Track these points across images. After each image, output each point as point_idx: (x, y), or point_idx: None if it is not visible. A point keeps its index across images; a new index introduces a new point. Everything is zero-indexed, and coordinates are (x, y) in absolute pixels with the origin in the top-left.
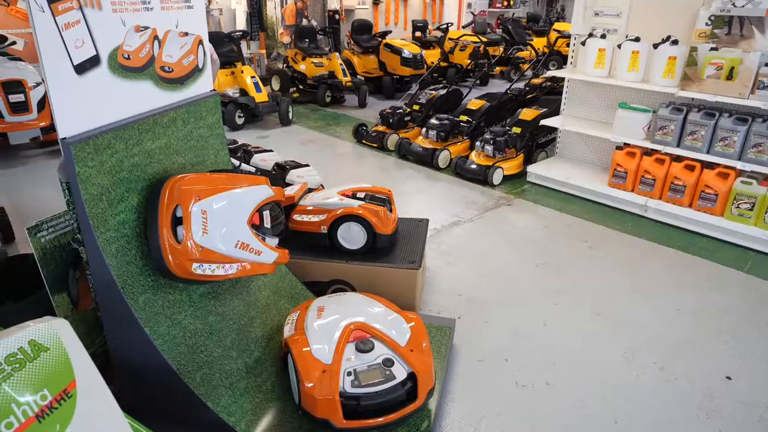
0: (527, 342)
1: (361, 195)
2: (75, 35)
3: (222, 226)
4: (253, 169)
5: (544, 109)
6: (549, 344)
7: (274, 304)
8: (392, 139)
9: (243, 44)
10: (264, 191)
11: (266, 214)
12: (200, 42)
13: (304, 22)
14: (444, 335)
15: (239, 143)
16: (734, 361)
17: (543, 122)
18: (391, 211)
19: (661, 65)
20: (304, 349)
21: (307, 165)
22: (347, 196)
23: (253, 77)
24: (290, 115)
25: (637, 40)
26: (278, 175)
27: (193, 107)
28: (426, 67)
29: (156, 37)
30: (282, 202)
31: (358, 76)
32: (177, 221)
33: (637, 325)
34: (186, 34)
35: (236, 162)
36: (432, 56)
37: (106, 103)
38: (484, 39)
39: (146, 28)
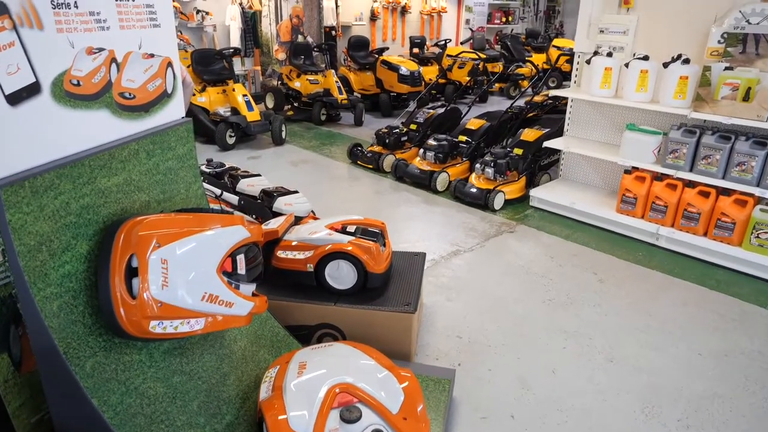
0: (535, 395)
1: (352, 228)
2: (7, 60)
3: (186, 276)
4: (235, 199)
5: (547, 129)
6: (559, 397)
7: (251, 356)
8: (388, 161)
9: (237, 61)
10: (238, 233)
11: (240, 258)
12: (169, 64)
13: (300, 38)
14: (442, 390)
15: (227, 166)
16: (767, 417)
17: (546, 144)
18: (384, 245)
19: (672, 85)
20: (280, 418)
21: (295, 192)
22: (336, 230)
23: (245, 95)
24: (283, 134)
25: (645, 58)
26: (265, 202)
27: (160, 137)
28: (424, 84)
29: (114, 60)
30: (260, 242)
31: (355, 94)
32: (132, 272)
33: (655, 374)
34: (152, 55)
35: (217, 191)
36: (430, 73)
37: (48, 137)
38: (483, 55)
39: (101, 49)
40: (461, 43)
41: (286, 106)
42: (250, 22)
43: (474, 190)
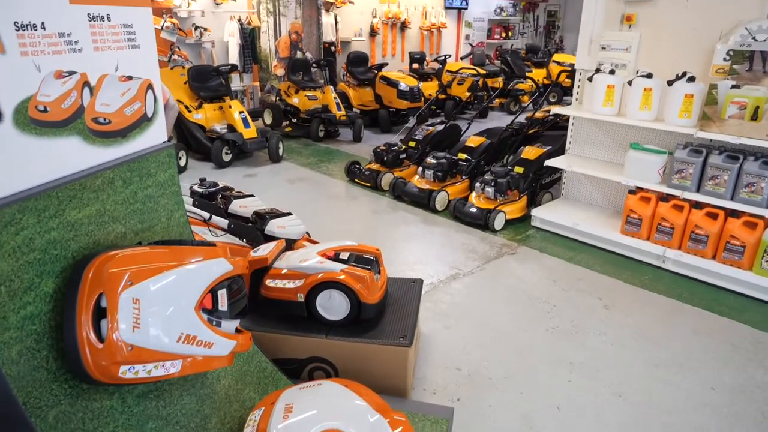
0: None
1: (345, 255)
2: None
3: (160, 316)
4: (224, 223)
5: (548, 147)
6: None
7: (236, 395)
8: (386, 179)
9: (236, 77)
10: (219, 266)
11: (222, 294)
12: (149, 86)
13: (299, 54)
14: (440, 431)
15: (220, 186)
16: None
17: (548, 163)
18: (379, 272)
19: (677, 104)
20: None
21: (289, 213)
22: (328, 257)
23: (241, 112)
24: (280, 151)
25: (649, 76)
26: (257, 225)
27: (139, 164)
28: (423, 100)
29: (86, 84)
30: (245, 274)
31: (354, 109)
32: (101, 312)
33: (668, 411)
34: (129, 78)
35: (205, 215)
36: (429, 88)
37: (8, 168)
38: (483, 71)
39: (72, 73)
40: (461, 59)
41: (284, 123)
42: (249, 38)
43: (474, 209)
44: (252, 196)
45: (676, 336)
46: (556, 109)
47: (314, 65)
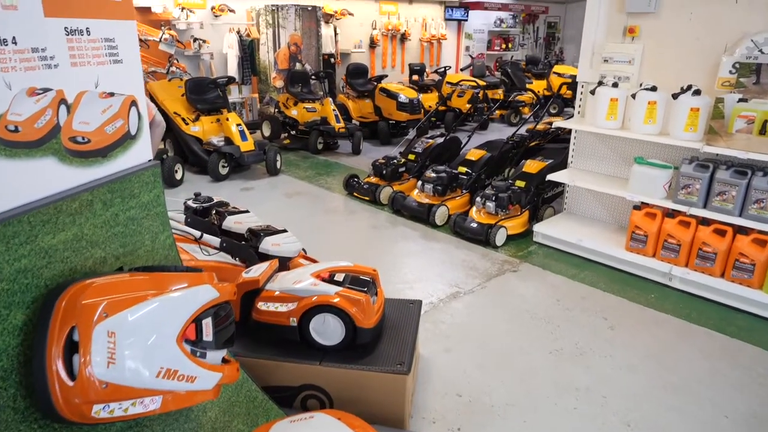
0: None
1: (340, 277)
2: None
3: (138, 350)
4: (216, 241)
5: (550, 161)
6: None
7: (223, 429)
8: (385, 192)
9: (234, 89)
10: (204, 294)
11: (207, 323)
12: (133, 103)
13: (298, 66)
14: None
15: (215, 201)
16: None
17: (550, 177)
18: (376, 294)
19: (682, 117)
20: None
21: (284, 230)
22: (323, 279)
23: (239, 125)
24: (278, 164)
25: (653, 89)
26: (251, 242)
27: (121, 184)
28: (423, 112)
29: (63, 101)
30: (233, 300)
31: (353, 121)
32: (74, 347)
33: None
34: (111, 94)
35: (196, 233)
36: (429, 100)
37: None
38: (483, 82)
39: (47, 90)
40: (461, 70)
41: (282, 135)
42: (248, 50)
43: (474, 225)
44: (247, 211)
45: (686, 359)
46: (558, 123)
47: (313, 77)
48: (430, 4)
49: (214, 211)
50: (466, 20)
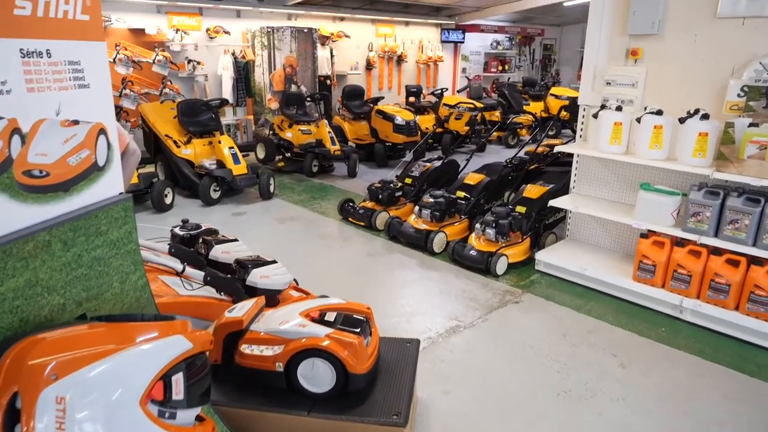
0: None
1: (331, 317)
2: None
3: (93, 417)
4: (200, 275)
5: (551, 185)
6: None
7: None
8: (381, 218)
9: (229, 110)
10: (174, 346)
11: (177, 379)
12: (101, 131)
13: (293, 88)
14: None
15: (203, 228)
16: None
17: (552, 203)
18: (370, 335)
19: (691, 142)
20: None
21: (273, 261)
22: (312, 319)
23: (231, 148)
24: (271, 187)
25: (659, 113)
26: (238, 274)
27: (86, 221)
28: (420, 134)
29: (16, 131)
30: (208, 349)
31: (349, 143)
32: (15, 416)
33: None
34: (75, 122)
35: (179, 267)
36: (426, 122)
37: None
38: (480, 104)
39: None
40: (458, 92)
41: (277, 157)
42: (243, 71)
43: (474, 253)
44: (235, 240)
45: (703, 401)
46: (560, 147)
47: (308, 99)
48: (426, 26)
49: (200, 240)
50: (463, 42)
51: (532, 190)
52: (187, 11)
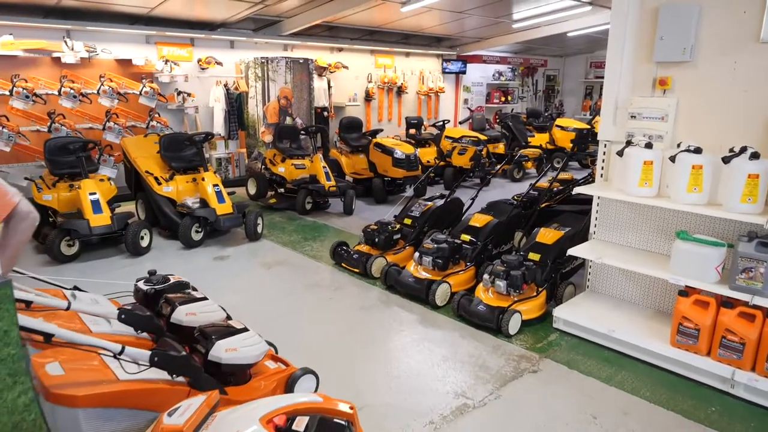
0: None
1: (302, 424)
2: None
3: None
4: (145, 355)
5: (567, 229)
6: None
7: None
8: (378, 264)
9: (220, 144)
10: None
11: None
12: None
13: (288, 120)
14: None
15: (171, 281)
16: None
17: (571, 252)
18: None
19: (738, 185)
20: None
21: (244, 329)
22: (276, 428)
23: (216, 185)
24: (259, 228)
25: (698, 151)
26: (201, 346)
27: None
28: (421, 168)
29: None
30: None
31: (347, 178)
32: None
33: None
34: None
35: (116, 347)
36: (427, 155)
37: None
38: (484, 137)
39: None
40: (460, 123)
41: (269, 193)
42: (236, 103)
43: (482, 308)
44: (204, 299)
45: None
46: (579, 189)
47: (303, 132)
48: (427, 57)
49: (163, 300)
50: (465, 73)
51: (547, 235)
52: (178, 42)
